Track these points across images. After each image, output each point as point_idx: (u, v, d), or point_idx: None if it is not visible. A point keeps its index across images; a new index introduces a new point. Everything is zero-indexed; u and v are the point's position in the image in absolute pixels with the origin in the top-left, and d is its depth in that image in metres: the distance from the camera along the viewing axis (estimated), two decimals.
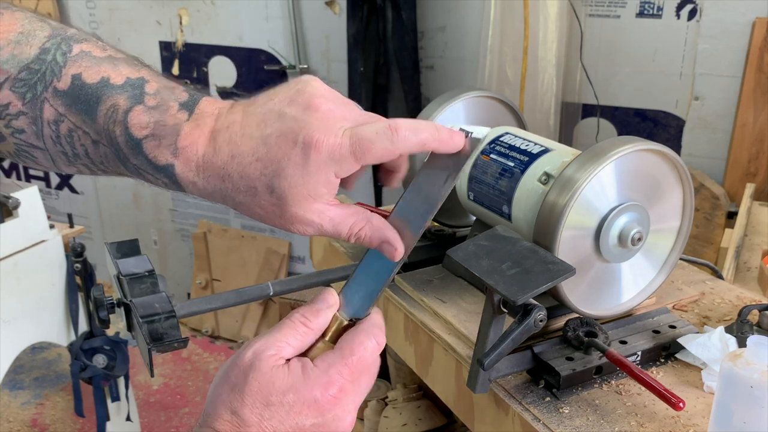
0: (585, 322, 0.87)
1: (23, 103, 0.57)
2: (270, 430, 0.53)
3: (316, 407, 0.54)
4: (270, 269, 3.13)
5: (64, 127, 0.58)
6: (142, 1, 3.06)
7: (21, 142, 0.59)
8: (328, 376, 0.54)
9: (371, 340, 0.56)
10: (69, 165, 0.60)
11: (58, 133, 0.58)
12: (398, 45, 2.54)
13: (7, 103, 0.57)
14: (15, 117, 0.58)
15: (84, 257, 2.07)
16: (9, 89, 0.57)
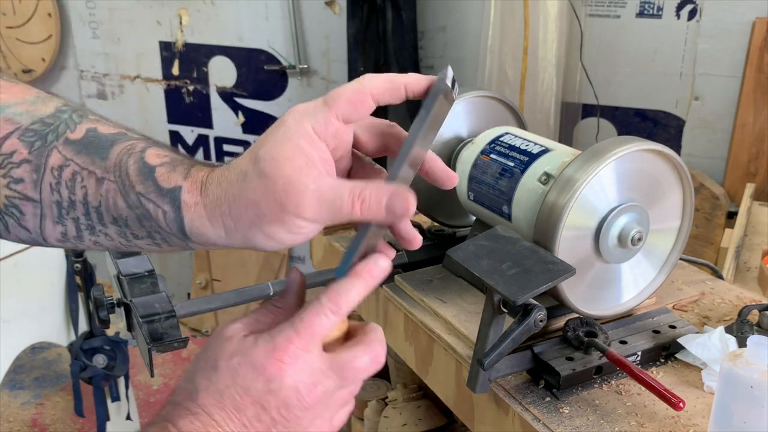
0: (585, 322, 0.87)
1: (29, 152, 0.57)
2: (216, 394, 0.53)
3: (261, 372, 0.52)
4: (270, 269, 3.13)
5: (68, 171, 0.57)
6: (142, 1, 3.06)
7: (15, 194, 0.57)
8: (274, 341, 0.53)
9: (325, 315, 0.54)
10: (56, 223, 0.58)
11: (59, 179, 0.57)
12: (398, 45, 2.54)
13: (12, 151, 0.56)
14: (17, 165, 0.57)
15: (84, 257, 2.07)
16: (17, 138, 0.57)
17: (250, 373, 0.52)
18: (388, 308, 1.10)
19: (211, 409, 0.52)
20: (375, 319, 1.17)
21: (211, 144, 3.17)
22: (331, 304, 0.54)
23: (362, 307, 1.22)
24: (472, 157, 1.03)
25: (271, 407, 0.53)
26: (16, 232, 0.59)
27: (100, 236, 0.58)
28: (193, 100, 3.14)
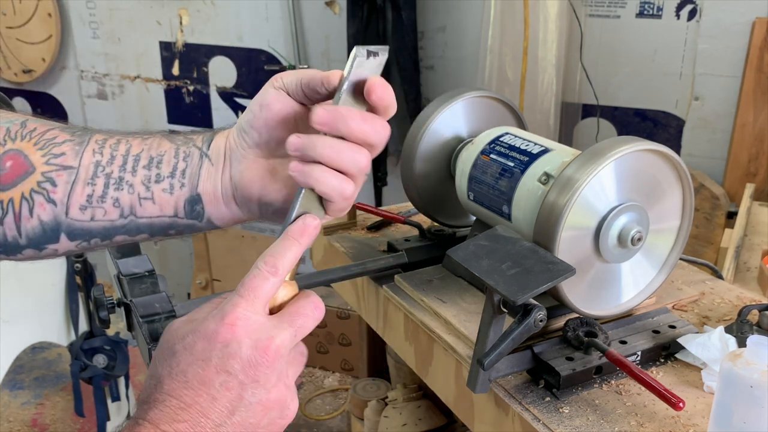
0: (585, 322, 0.87)
1: (72, 135, 0.64)
2: (180, 375, 0.53)
3: (216, 339, 0.53)
4: None
5: (113, 139, 0.65)
6: (142, 1, 3.06)
7: (52, 167, 0.62)
8: (222, 310, 0.54)
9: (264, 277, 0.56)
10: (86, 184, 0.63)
11: (104, 145, 0.64)
12: (398, 45, 2.54)
13: (54, 137, 0.63)
14: (59, 144, 0.63)
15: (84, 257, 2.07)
16: (59, 130, 0.64)
17: (207, 344, 0.53)
18: (388, 308, 1.10)
19: (178, 392, 0.52)
20: (375, 319, 1.17)
21: None
22: (268, 267, 0.56)
23: (362, 306, 1.22)
24: (472, 157, 1.03)
25: (236, 370, 0.53)
26: (39, 212, 0.62)
27: (123, 190, 0.63)
28: (194, 100, 3.14)
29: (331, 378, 2.96)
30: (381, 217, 1.31)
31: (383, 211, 1.32)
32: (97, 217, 0.63)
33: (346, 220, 1.33)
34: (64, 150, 0.62)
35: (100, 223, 0.64)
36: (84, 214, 0.63)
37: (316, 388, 2.89)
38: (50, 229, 0.62)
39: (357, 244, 1.26)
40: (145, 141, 0.65)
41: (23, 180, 0.61)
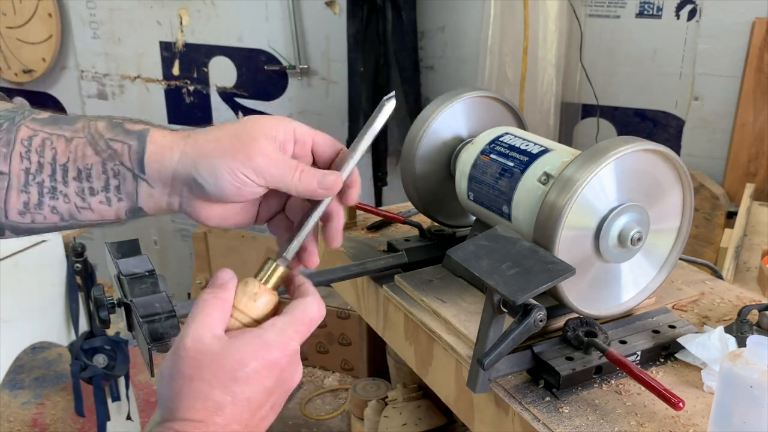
0: (585, 322, 0.87)
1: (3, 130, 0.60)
2: (244, 404, 0.56)
3: (277, 367, 0.58)
4: None
5: (38, 139, 0.60)
6: (142, 1, 3.06)
7: None
8: (285, 336, 0.59)
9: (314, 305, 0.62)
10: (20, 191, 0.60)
11: (29, 147, 0.60)
12: (398, 45, 2.54)
13: None
14: None
15: (84, 257, 2.07)
16: None
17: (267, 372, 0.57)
18: (388, 308, 1.10)
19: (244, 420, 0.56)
20: (375, 319, 1.17)
21: None
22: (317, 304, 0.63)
23: (362, 306, 1.22)
24: (472, 157, 1.03)
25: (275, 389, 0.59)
26: None
27: (59, 199, 0.61)
28: (194, 100, 3.14)
29: (331, 378, 2.96)
30: (381, 217, 1.31)
31: (383, 211, 1.32)
32: (37, 221, 0.62)
33: (346, 220, 1.33)
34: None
35: (42, 225, 0.63)
36: (24, 218, 0.62)
37: (316, 388, 2.89)
38: None
39: (357, 244, 1.26)
40: (69, 146, 0.60)
41: None
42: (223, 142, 0.60)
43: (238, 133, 0.61)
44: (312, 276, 1.04)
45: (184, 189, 0.62)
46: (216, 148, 0.60)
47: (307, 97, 2.93)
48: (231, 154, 0.59)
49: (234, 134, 0.61)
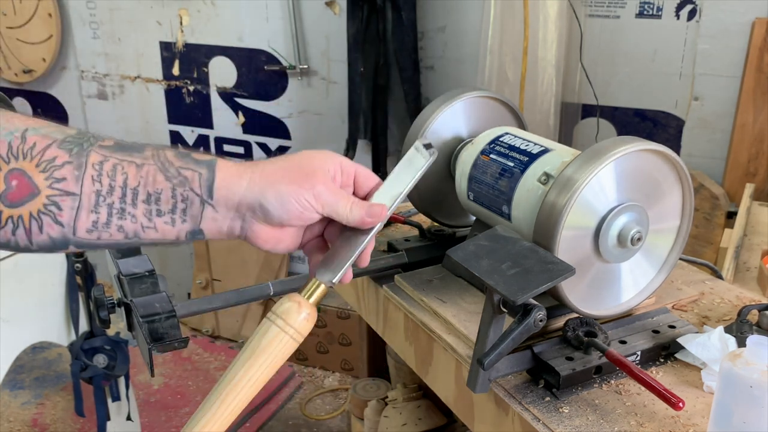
0: (585, 322, 0.87)
1: (69, 155, 0.64)
2: None
3: None
4: (270, 269, 3.13)
5: (109, 164, 0.65)
6: (142, 2, 3.06)
7: (56, 192, 0.64)
8: None
9: None
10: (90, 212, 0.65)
11: (101, 171, 0.65)
12: (398, 45, 2.54)
13: (54, 157, 0.64)
14: (59, 167, 0.64)
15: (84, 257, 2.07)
16: (57, 147, 0.64)
17: None
18: (388, 308, 1.11)
19: None
20: (375, 319, 1.17)
21: (211, 144, 3.17)
22: None
23: (362, 306, 1.22)
24: (472, 157, 1.03)
25: None
26: (48, 231, 0.65)
27: (126, 219, 0.66)
28: (194, 101, 3.14)
29: (331, 378, 2.96)
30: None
31: None
32: (103, 238, 0.67)
33: None
34: (65, 174, 0.64)
35: (106, 242, 0.67)
36: (90, 235, 0.66)
37: (316, 388, 2.89)
38: (60, 243, 0.66)
39: None
40: (140, 172, 0.66)
41: (29, 201, 0.64)
42: (289, 171, 0.68)
43: (300, 164, 0.69)
44: None
45: (247, 213, 0.68)
46: (283, 176, 0.68)
47: (307, 97, 2.93)
48: (296, 183, 0.67)
49: (297, 165, 0.69)
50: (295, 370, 2.99)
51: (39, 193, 0.63)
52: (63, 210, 0.64)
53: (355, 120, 2.63)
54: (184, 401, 2.79)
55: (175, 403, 2.78)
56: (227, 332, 3.21)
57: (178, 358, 3.06)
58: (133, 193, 0.66)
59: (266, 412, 2.72)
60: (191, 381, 2.92)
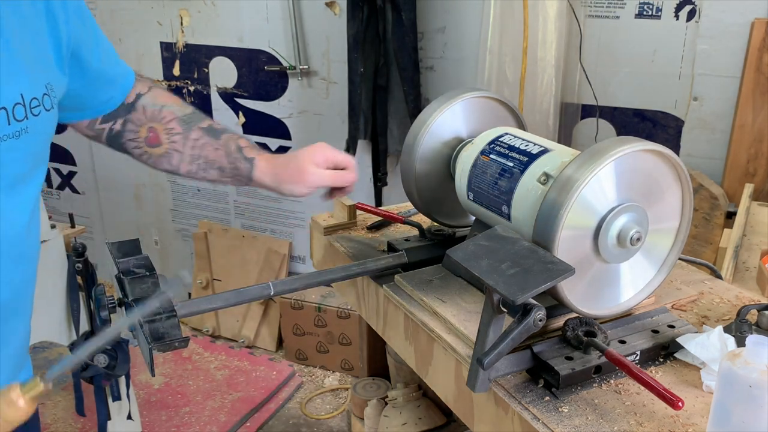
0: (584, 322, 0.87)
1: (182, 129, 1.14)
2: None
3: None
4: (270, 269, 3.14)
5: (201, 141, 1.14)
6: (143, 2, 3.06)
7: (170, 147, 1.14)
8: None
9: None
10: (188, 163, 1.15)
11: (195, 144, 1.14)
12: (398, 45, 2.54)
13: (172, 127, 1.14)
14: (175, 134, 1.13)
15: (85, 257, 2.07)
16: (176, 122, 1.14)
17: None
18: (388, 308, 1.11)
19: None
20: (375, 319, 1.17)
21: None
22: None
23: (362, 306, 1.22)
24: (472, 158, 1.04)
25: None
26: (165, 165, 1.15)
27: (207, 173, 1.15)
28: (194, 101, 3.14)
29: (331, 377, 2.96)
30: (381, 217, 1.32)
31: (383, 211, 1.32)
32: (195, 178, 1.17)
33: (346, 220, 1.33)
34: (176, 139, 1.13)
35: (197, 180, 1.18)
36: (188, 174, 1.16)
37: (316, 388, 2.90)
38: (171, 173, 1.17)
39: (357, 244, 1.26)
40: (217, 152, 1.14)
41: (157, 147, 1.14)
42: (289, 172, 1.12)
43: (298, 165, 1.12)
44: (312, 276, 1.04)
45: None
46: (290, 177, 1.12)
47: (308, 98, 2.93)
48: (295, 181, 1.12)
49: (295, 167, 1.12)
50: (296, 370, 2.99)
51: (161, 144, 1.13)
52: (173, 158, 1.14)
53: (355, 120, 2.64)
54: (185, 401, 2.79)
55: (176, 403, 2.78)
56: (227, 332, 3.22)
57: (179, 358, 3.06)
58: (210, 163, 1.14)
59: (266, 412, 2.72)
60: (192, 381, 2.92)
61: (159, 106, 1.13)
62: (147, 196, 3.44)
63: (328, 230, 1.33)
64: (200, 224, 3.34)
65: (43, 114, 0.88)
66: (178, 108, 1.15)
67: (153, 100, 1.14)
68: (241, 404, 2.75)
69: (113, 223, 3.59)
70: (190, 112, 1.15)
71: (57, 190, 3.66)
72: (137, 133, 1.13)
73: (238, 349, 3.14)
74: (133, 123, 1.13)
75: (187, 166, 1.14)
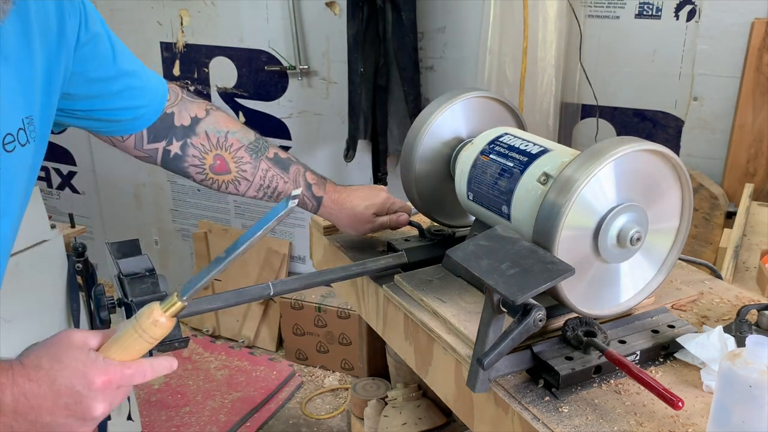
0: (584, 322, 0.87)
1: (251, 157, 1.15)
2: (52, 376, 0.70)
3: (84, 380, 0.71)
4: (270, 269, 3.14)
5: (270, 173, 1.16)
6: (142, 2, 3.06)
7: (239, 176, 1.15)
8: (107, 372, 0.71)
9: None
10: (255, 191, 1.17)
11: (265, 175, 1.15)
12: (398, 45, 2.54)
13: (242, 156, 1.14)
14: (244, 163, 1.14)
15: (85, 257, 2.07)
16: (244, 150, 1.14)
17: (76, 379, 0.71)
18: (388, 308, 1.11)
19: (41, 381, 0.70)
20: (375, 319, 1.17)
21: None
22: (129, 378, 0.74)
23: (362, 306, 1.22)
24: (472, 158, 1.04)
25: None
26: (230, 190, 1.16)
27: (274, 200, 1.16)
28: None
29: (331, 377, 2.96)
30: None
31: None
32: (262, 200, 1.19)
33: None
34: (246, 168, 1.14)
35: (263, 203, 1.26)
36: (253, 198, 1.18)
37: (316, 388, 2.89)
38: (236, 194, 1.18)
39: (357, 244, 1.26)
40: (285, 186, 1.16)
41: (224, 174, 1.14)
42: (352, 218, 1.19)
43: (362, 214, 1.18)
44: (312, 276, 1.04)
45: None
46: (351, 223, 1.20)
47: (308, 98, 2.93)
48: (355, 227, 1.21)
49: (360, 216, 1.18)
50: (296, 370, 2.99)
51: (230, 172, 1.14)
52: (241, 185, 1.15)
53: (355, 120, 2.63)
54: (185, 401, 2.79)
55: (176, 403, 2.78)
56: (227, 332, 3.22)
57: (179, 358, 3.05)
58: (277, 194, 1.17)
59: (266, 412, 2.72)
60: (192, 381, 2.92)
61: (223, 133, 1.12)
62: (147, 196, 3.44)
63: (328, 230, 1.33)
64: (200, 224, 3.34)
65: (18, 149, 0.83)
66: (243, 135, 1.14)
67: (215, 125, 1.12)
68: (241, 404, 2.75)
69: (113, 223, 3.59)
70: (254, 140, 1.15)
71: (57, 190, 3.65)
72: (202, 160, 1.12)
73: (238, 349, 3.14)
74: (195, 148, 1.11)
75: (253, 193, 1.16)
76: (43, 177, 3.63)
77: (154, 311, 0.72)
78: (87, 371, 0.70)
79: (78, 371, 0.70)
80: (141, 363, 0.74)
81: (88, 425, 0.73)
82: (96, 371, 0.71)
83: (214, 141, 1.12)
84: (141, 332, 0.72)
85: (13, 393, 0.69)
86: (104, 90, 0.98)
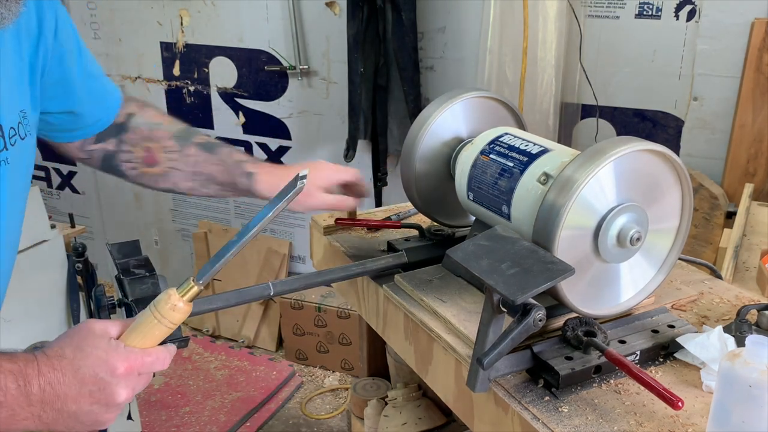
0: (584, 322, 0.87)
1: (179, 146, 1.13)
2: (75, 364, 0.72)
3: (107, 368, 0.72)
4: (270, 269, 3.14)
5: (200, 157, 1.13)
6: (142, 2, 3.06)
7: (169, 166, 1.13)
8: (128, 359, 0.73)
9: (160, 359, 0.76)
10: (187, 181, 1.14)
11: (195, 163, 1.13)
12: (398, 45, 2.54)
13: (169, 144, 1.13)
14: (172, 152, 1.13)
15: (85, 257, 2.07)
16: (170, 139, 1.14)
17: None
18: (388, 308, 1.11)
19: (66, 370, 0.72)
20: (375, 319, 1.17)
21: None
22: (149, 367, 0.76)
23: (362, 306, 1.22)
24: (472, 158, 1.04)
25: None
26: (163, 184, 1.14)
27: (206, 189, 1.15)
28: (194, 101, 3.14)
29: (331, 377, 2.96)
30: (375, 227, 1.31)
31: (376, 222, 1.32)
32: (194, 194, 1.17)
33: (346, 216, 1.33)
34: (174, 157, 1.13)
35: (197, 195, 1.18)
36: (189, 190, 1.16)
37: (316, 388, 2.90)
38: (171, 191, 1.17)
39: (357, 244, 1.26)
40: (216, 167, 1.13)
41: (155, 166, 1.13)
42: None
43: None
44: (312, 276, 1.04)
45: None
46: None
47: (308, 98, 2.93)
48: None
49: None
50: (296, 370, 2.99)
51: (159, 164, 1.13)
52: (172, 176, 1.13)
53: (355, 120, 2.63)
54: (185, 401, 2.79)
55: (176, 403, 2.78)
56: (227, 332, 3.22)
57: (179, 358, 3.06)
58: (209, 178, 1.14)
59: (266, 412, 2.72)
60: (192, 380, 2.92)
61: (152, 125, 1.13)
62: (147, 196, 3.44)
63: (328, 230, 1.33)
64: (200, 224, 3.34)
65: (19, 143, 0.87)
66: (172, 125, 1.15)
67: (146, 119, 1.14)
68: (241, 404, 2.75)
69: (113, 223, 3.59)
70: (184, 128, 1.15)
71: (57, 190, 3.65)
72: (132, 153, 1.12)
73: (238, 349, 3.14)
74: (127, 144, 1.13)
75: (186, 183, 1.14)
76: (43, 177, 3.62)
77: (172, 296, 0.73)
78: (109, 358, 0.72)
79: (100, 359, 0.71)
80: (160, 350, 0.76)
81: (113, 411, 0.74)
82: (118, 358, 0.72)
83: (144, 134, 1.13)
84: (160, 318, 0.73)
85: (39, 383, 0.70)
86: (70, 90, 1.03)
